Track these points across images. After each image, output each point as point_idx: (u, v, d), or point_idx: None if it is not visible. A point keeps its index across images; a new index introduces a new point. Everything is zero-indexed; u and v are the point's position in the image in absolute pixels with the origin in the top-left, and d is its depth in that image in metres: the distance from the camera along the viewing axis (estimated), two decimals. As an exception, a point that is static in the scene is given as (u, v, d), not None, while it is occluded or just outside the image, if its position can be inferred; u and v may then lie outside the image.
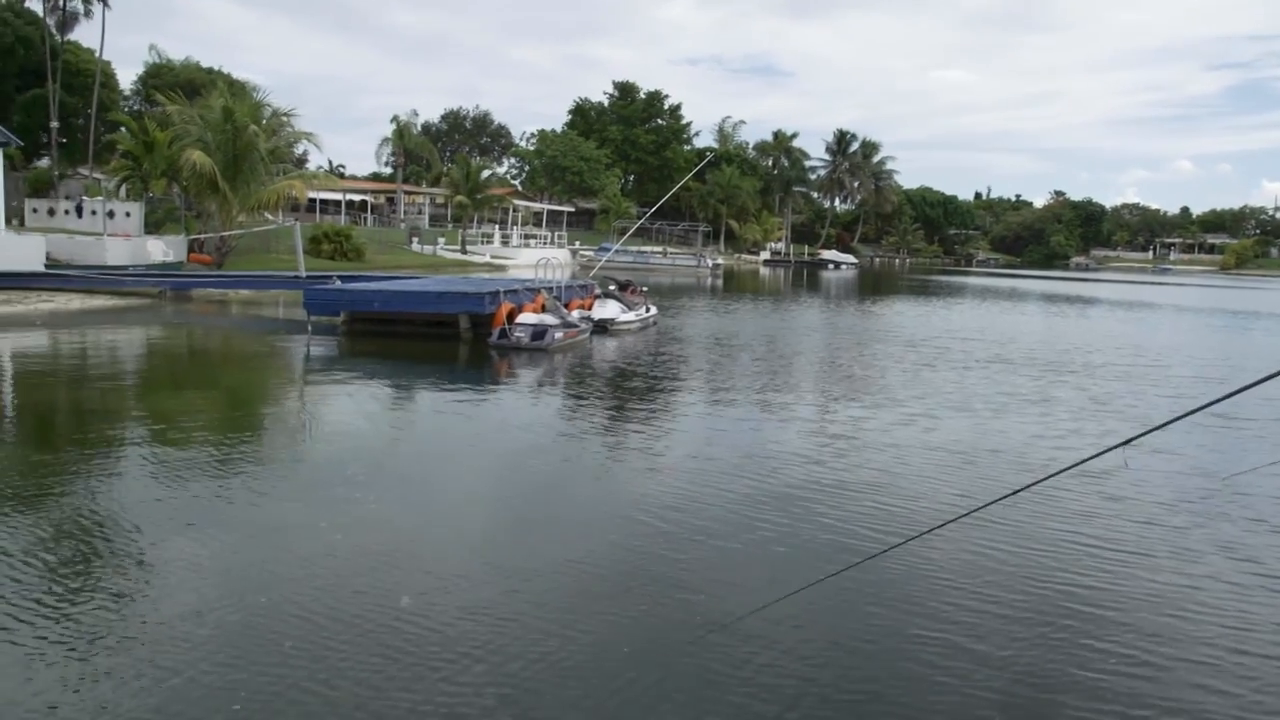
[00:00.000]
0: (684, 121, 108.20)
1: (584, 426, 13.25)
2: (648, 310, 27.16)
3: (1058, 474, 5.82)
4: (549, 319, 21.69)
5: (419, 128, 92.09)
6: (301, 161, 64.57)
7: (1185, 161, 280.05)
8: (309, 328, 22.57)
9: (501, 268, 52.17)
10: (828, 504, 9.27)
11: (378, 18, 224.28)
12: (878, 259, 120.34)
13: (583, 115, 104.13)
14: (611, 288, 27.37)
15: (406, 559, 7.49)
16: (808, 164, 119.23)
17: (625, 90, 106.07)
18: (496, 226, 70.23)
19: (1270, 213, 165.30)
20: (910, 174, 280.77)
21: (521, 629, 6.16)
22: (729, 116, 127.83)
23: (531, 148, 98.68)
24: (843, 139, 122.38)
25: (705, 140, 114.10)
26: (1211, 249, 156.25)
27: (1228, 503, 9.74)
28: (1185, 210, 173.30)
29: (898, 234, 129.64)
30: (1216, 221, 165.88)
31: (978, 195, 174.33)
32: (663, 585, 7.07)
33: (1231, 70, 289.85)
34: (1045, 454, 11.78)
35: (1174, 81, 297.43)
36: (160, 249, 34.63)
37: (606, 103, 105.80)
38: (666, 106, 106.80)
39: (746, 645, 6.07)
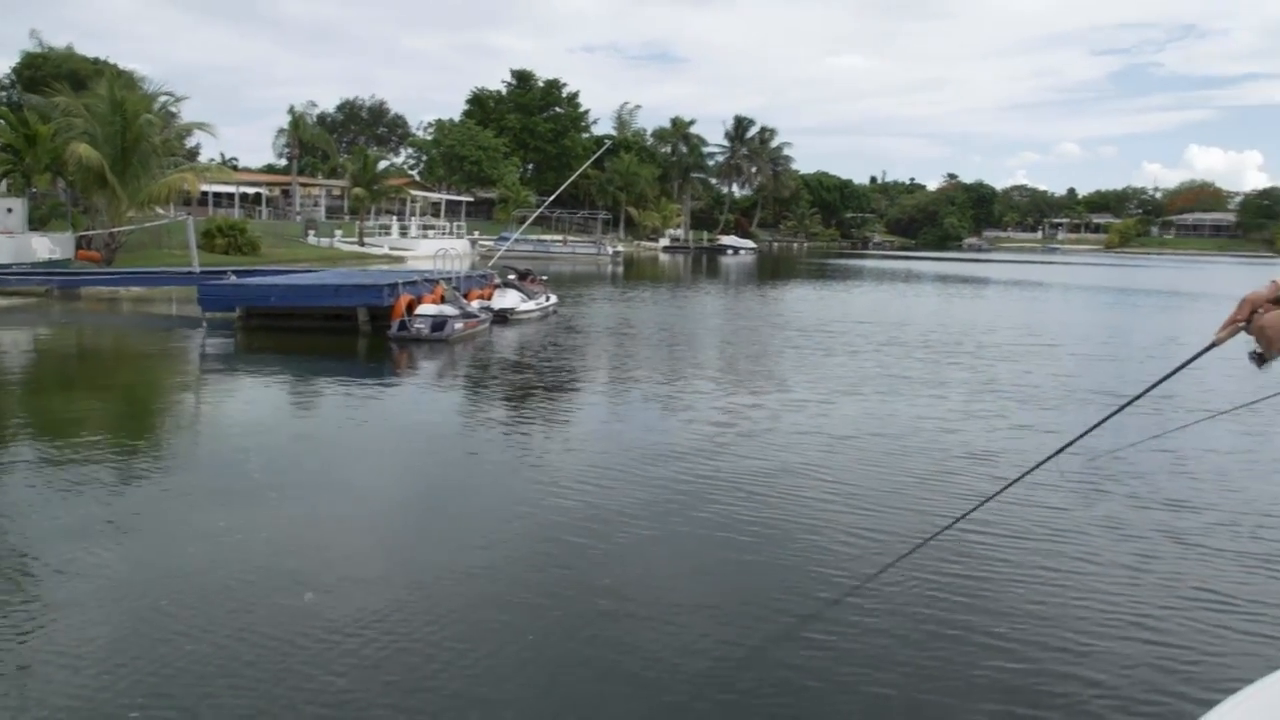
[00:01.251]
0: (582, 109, 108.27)
1: (486, 418, 13.30)
2: (548, 299, 27.19)
3: (1011, 485, 5.98)
4: (448, 310, 21.63)
5: (315, 118, 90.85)
6: (193, 154, 63.26)
7: (1071, 144, 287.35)
8: (204, 324, 22.20)
9: (400, 259, 51.69)
10: (725, 490, 9.42)
11: (269, 7, 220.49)
12: (776, 243, 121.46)
13: (480, 104, 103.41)
14: (511, 277, 27.36)
15: (310, 556, 7.48)
16: (706, 150, 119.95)
17: (523, 79, 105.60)
18: (394, 218, 69.54)
19: (1150, 193, 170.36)
20: (808, 159, 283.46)
21: (424, 622, 6.19)
22: (627, 103, 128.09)
23: (429, 137, 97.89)
24: (741, 125, 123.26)
25: (604, 128, 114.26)
26: (1097, 228, 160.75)
27: (1107, 478, 10.05)
28: (1072, 191, 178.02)
29: (796, 218, 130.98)
30: (1101, 202, 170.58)
31: (873, 179, 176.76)
32: (565, 574, 7.15)
33: (1114, 56, 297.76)
34: (941, 438, 12.04)
35: (1060, 67, 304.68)
36: (46, 246, 33.70)
37: (504, 91, 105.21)
38: (565, 94, 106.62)
39: (653, 632, 6.17)
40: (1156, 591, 7.04)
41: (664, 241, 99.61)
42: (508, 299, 25.27)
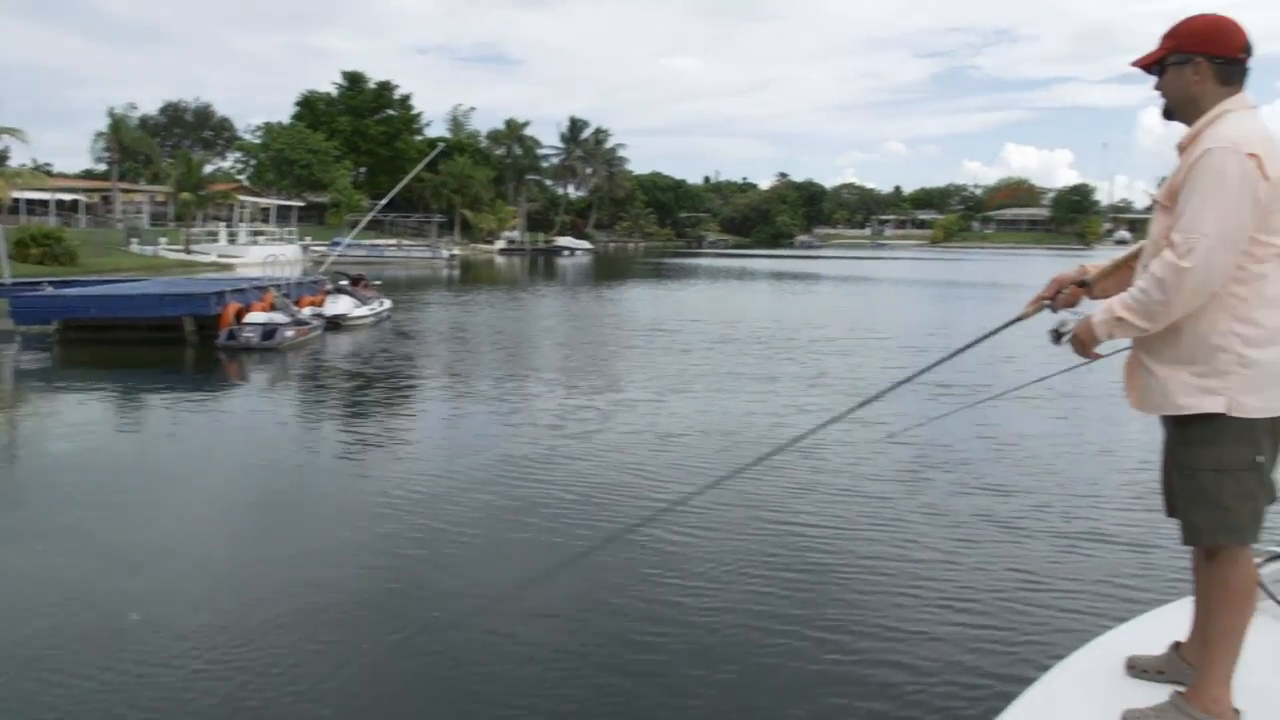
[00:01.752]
0: (415, 112, 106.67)
1: (318, 428, 13.15)
2: (381, 304, 26.90)
3: (771, 454, 6.17)
4: (279, 317, 21.23)
5: (136, 121, 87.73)
6: (2, 159, 60.47)
7: (897, 143, 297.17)
8: (17, 339, 21.30)
9: (229, 266, 50.34)
10: (556, 494, 9.49)
11: (85, 3, 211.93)
12: (612, 244, 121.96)
13: (310, 107, 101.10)
14: (343, 283, 26.96)
15: (135, 578, 7.27)
16: (541, 152, 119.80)
17: (354, 80, 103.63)
18: (223, 224, 67.57)
19: (971, 189, 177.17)
20: (642, 160, 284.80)
21: (259, 637, 6.09)
22: (460, 104, 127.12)
23: (257, 141, 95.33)
24: (575, 126, 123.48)
25: (438, 130, 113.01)
26: (921, 224, 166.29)
27: (928, 466, 10.47)
28: (898, 189, 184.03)
29: (631, 219, 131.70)
30: (925, 199, 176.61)
31: (707, 179, 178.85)
32: (395, 587, 7.13)
33: (936, 59, 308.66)
34: (771, 432, 12.32)
35: (885, 69, 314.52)
36: None
37: (335, 93, 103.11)
38: (397, 96, 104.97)
39: (485, 642, 6.19)
40: (974, 574, 7.30)
41: (500, 244, 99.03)
42: (340, 305, 24.93)
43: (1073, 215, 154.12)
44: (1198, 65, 3.21)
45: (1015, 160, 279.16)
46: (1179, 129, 3.30)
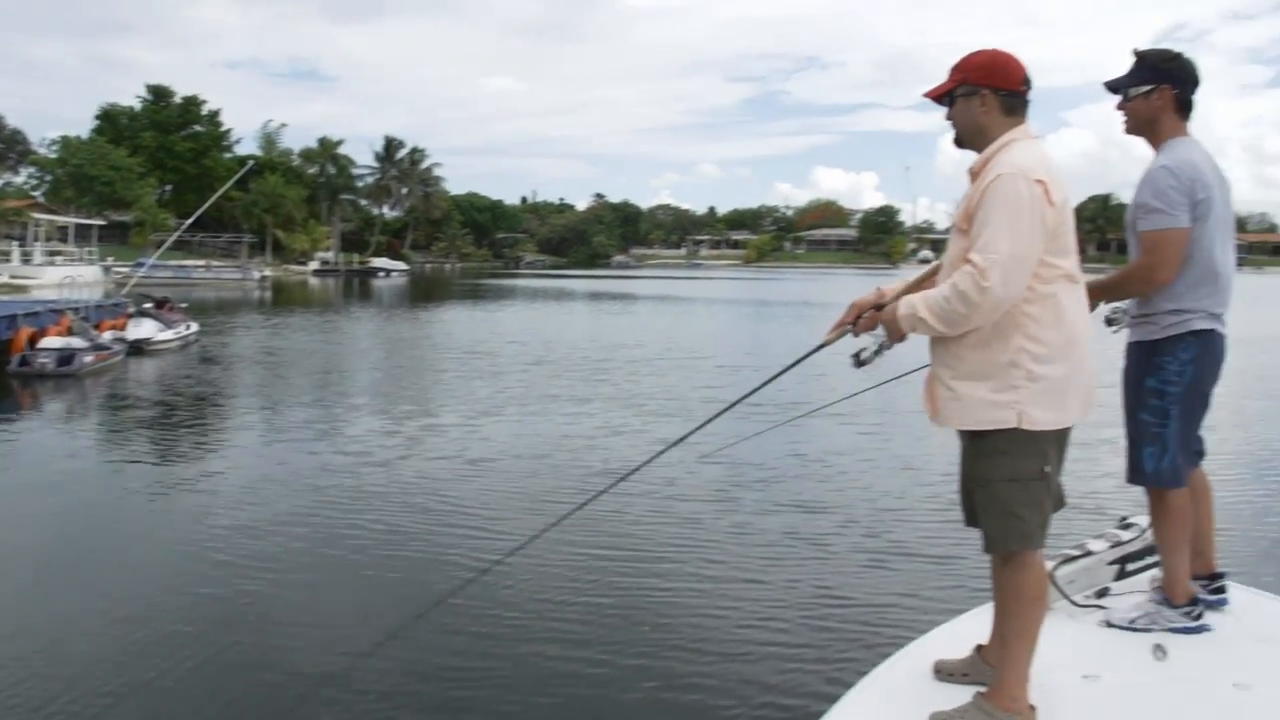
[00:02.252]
0: (224, 128, 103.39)
1: (118, 459, 12.61)
2: (188, 328, 26.02)
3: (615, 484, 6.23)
4: (76, 342, 20.37)
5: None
6: None
7: (711, 165, 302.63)
8: None
9: (22, 288, 47.96)
10: (356, 521, 9.37)
11: None
12: (429, 265, 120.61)
13: (112, 121, 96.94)
14: (147, 305, 25.97)
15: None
16: (355, 171, 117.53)
17: (160, 94, 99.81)
18: (15, 243, 64.34)
19: (783, 211, 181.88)
20: (459, 180, 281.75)
21: (69, 686, 5.81)
22: (271, 121, 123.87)
23: (54, 155, 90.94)
24: (391, 146, 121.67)
25: (249, 147, 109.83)
26: (736, 245, 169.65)
27: (736, 485, 10.69)
28: (712, 210, 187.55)
29: (447, 239, 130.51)
30: (739, 220, 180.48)
31: (524, 199, 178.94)
32: (190, 630, 6.83)
33: (748, 83, 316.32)
34: (584, 455, 12.39)
35: (699, 92, 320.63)
36: None
37: (139, 107, 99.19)
38: (205, 112, 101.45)
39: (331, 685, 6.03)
40: (783, 593, 7.45)
41: (314, 265, 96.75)
42: (143, 329, 24.03)
43: (879, 235, 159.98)
44: (984, 97, 3.44)
45: (824, 182, 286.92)
46: (972, 156, 3.51)
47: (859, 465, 11.91)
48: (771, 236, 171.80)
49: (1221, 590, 4.35)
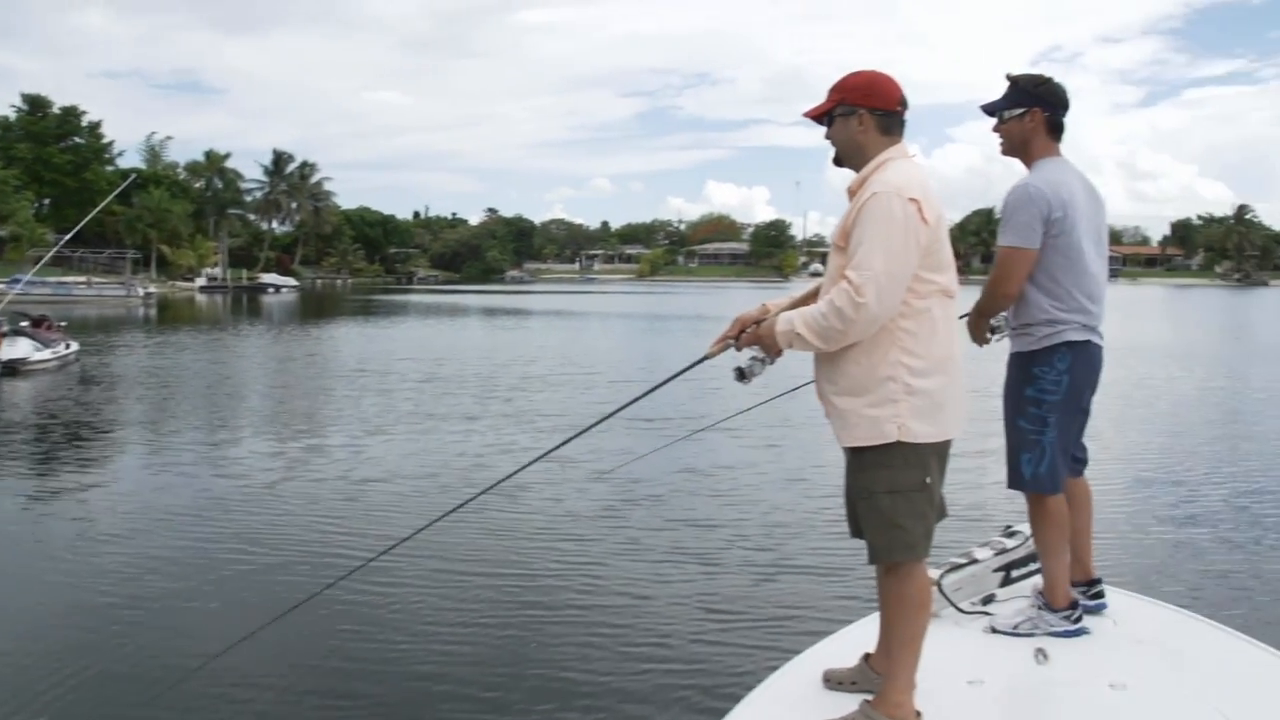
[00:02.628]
0: (106, 140, 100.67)
1: (-4, 486, 12.20)
2: (67, 347, 25.22)
3: (485, 491, 6.10)
4: (-53, 364, 19.73)
5: None
6: None
7: (604, 180, 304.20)
8: None
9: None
10: (263, 545, 9.17)
11: None
12: (320, 280, 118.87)
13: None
14: (24, 324, 25.13)
15: None
16: (243, 185, 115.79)
17: (36, 104, 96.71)
18: (-118, 261, 62.08)
19: (676, 225, 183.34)
20: (350, 194, 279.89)
21: None
22: (156, 133, 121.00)
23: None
24: (280, 160, 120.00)
25: (132, 160, 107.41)
26: (629, 259, 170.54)
27: (626, 503, 10.64)
28: (605, 224, 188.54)
29: (339, 255, 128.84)
30: (632, 234, 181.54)
31: (416, 214, 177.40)
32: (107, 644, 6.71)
33: (640, 98, 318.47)
34: (472, 474, 12.19)
35: (591, 107, 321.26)
36: None
37: (13, 117, 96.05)
38: (85, 123, 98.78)
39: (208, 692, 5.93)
40: (670, 609, 7.42)
41: (200, 281, 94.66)
42: (18, 348, 23.20)
43: (770, 249, 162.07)
44: (861, 117, 3.51)
45: (716, 197, 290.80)
46: (850, 174, 3.56)
47: (750, 479, 11.92)
48: (665, 250, 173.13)
49: (1100, 595, 4.49)
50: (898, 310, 3.35)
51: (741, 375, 3.63)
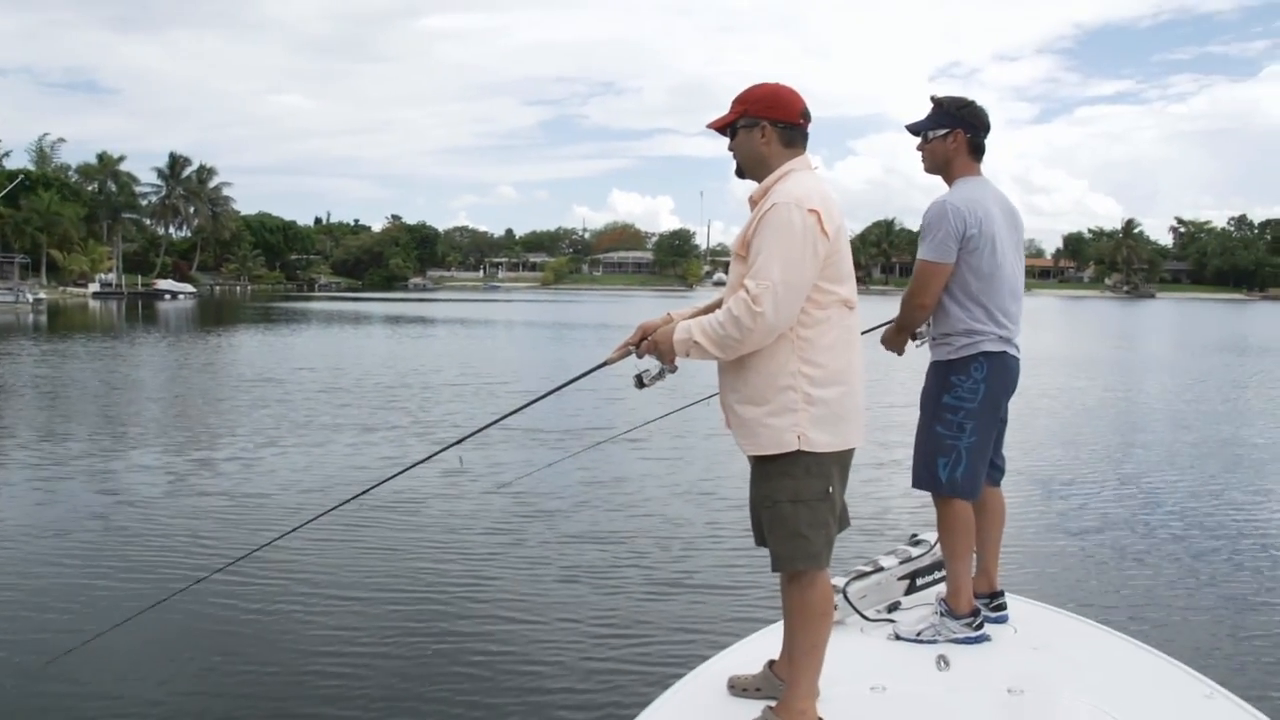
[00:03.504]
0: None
1: None
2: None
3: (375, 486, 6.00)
4: None
5: None
6: None
7: (508, 188, 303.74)
8: None
9: None
10: (138, 544, 9.07)
11: None
12: (218, 287, 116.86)
13: None
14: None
15: None
16: (139, 189, 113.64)
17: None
18: None
19: (580, 233, 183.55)
20: (251, 199, 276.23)
21: None
22: (47, 135, 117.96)
23: None
24: (176, 163, 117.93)
25: (19, 161, 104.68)
26: (534, 267, 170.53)
27: (526, 517, 10.45)
28: (510, 232, 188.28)
29: (238, 261, 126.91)
30: (537, 242, 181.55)
31: (318, 220, 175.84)
32: None
33: (545, 106, 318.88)
34: (359, 485, 11.96)
35: (496, 115, 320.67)
36: None
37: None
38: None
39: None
40: (568, 623, 7.30)
41: (94, 287, 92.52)
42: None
43: (675, 258, 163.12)
44: (764, 129, 3.53)
45: (621, 205, 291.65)
46: (753, 185, 3.59)
47: (651, 492, 11.77)
48: (569, 259, 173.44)
49: (1002, 608, 4.58)
50: (795, 320, 3.37)
51: (640, 382, 3.62)
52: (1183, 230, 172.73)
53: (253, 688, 6.17)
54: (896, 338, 4.58)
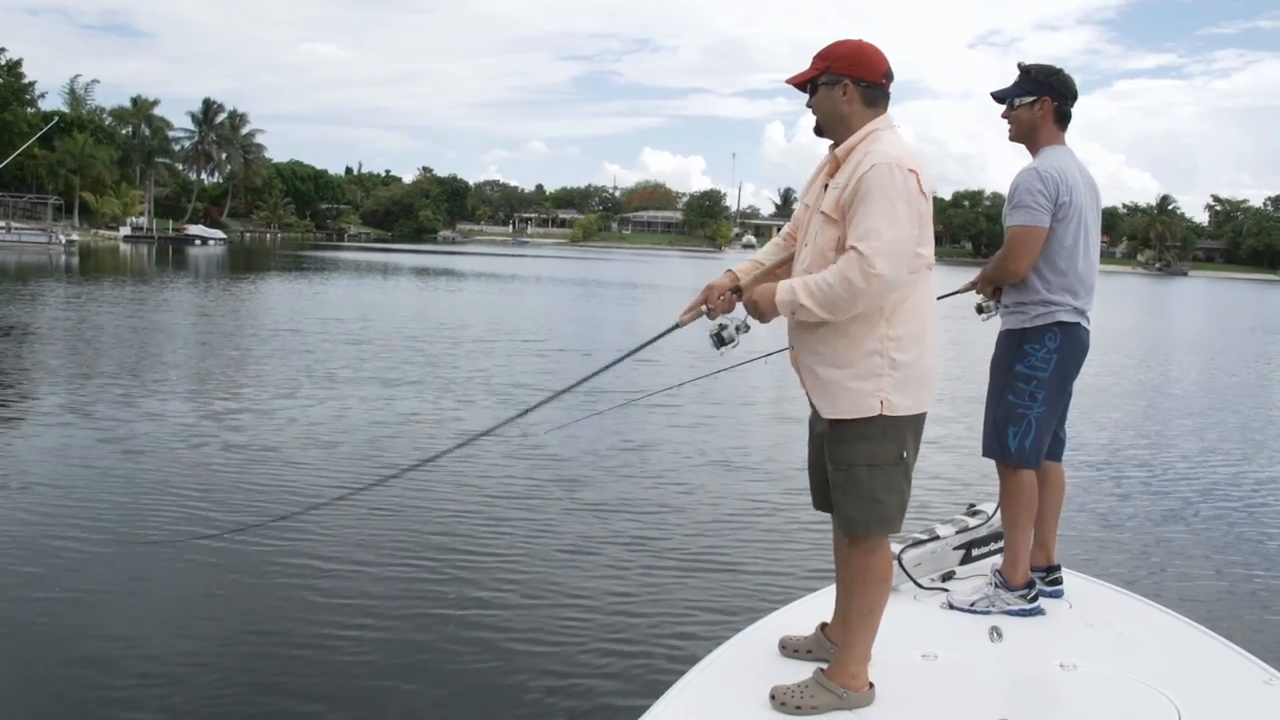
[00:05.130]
0: (26, 80, 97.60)
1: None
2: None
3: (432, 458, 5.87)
4: None
5: None
6: None
7: (539, 143, 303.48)
8: None
9: None
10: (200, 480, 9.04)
11: None
12: (248, 234, 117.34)
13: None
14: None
15: None
16: (171, 134, 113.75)
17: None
18: None
19: (610, 191, 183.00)
20: (282, 147, 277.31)
21: None
22: (80, 76, 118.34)
23: None
24: (210, 109, 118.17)
25: (54, 103, 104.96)
26: (563, 223, 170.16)
27: (570, 483, 10.22)
28: (540, 188, 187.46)
29: (269, 208, 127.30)
30: (567, 198, 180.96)
31: (349, 170, 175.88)
32: None
33: (578, 62, 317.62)
34: (389, 442, 11.84)
35: (530, 69, 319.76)
36: None
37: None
38: (4, 62, 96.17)
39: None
40: (586, 599, 7.25)
41: (125, 230, 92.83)
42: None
43: (704, 219, 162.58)
44: (846, 87, 3.46)
45: (652, 164, 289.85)
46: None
47: (684, 457, 11.43)
48: (598, 216, 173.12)
49: (1058, 582, 4.58)
50: (903, 281, 3.34)
51: (721, 341, 3.54)
52: (1219, 209, 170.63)
53: (263, 656, 6.02)
54: (983, 287, 4.66)
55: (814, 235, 3.51)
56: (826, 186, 3.52)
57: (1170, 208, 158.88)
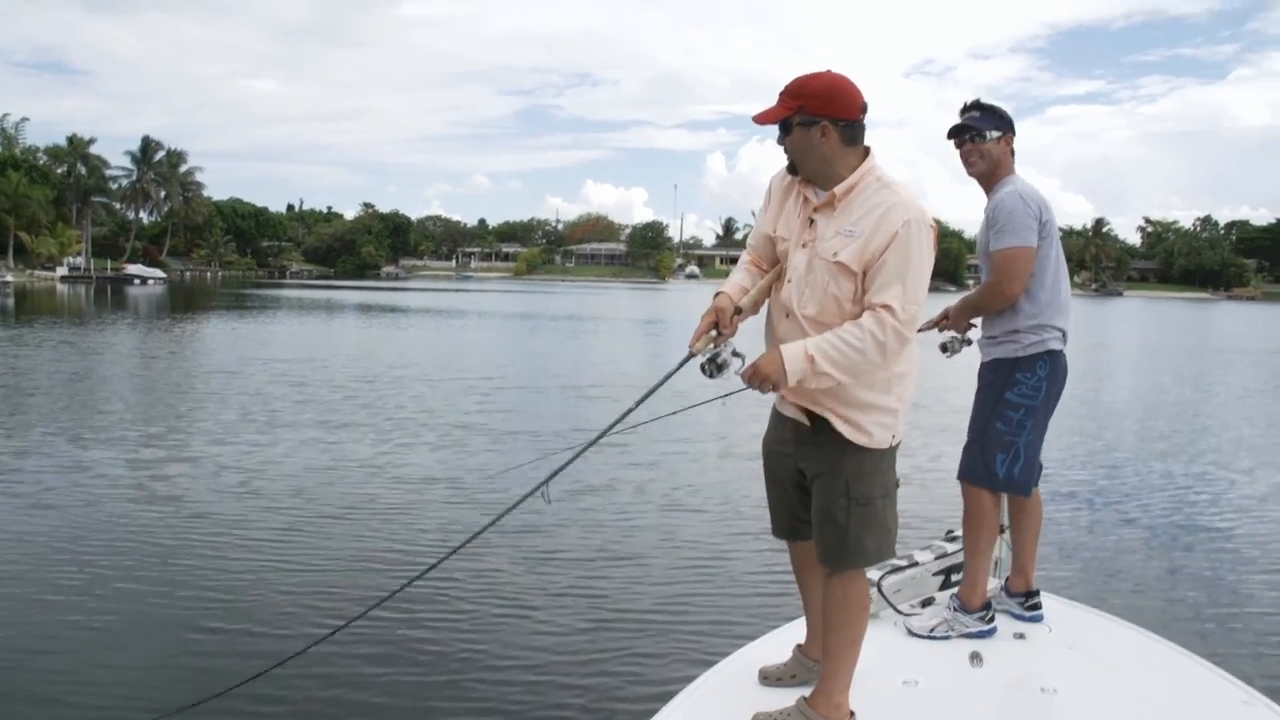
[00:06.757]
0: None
1: None
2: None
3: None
4: None
5: None
6: None
7: (482, 177, 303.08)
8: None
9: None
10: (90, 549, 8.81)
11: None
12: (189, 272, 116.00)
13: None
14: None
15: None
16: (109, 173, 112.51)
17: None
18: None
19: (553, 224, 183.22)
20: (223, 185, 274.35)
21: None
22: (8, 114, 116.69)
23: None
24: (148, 147, 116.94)
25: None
26: (506, 257, 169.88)
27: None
28: (483, 221, 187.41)
29: (209, 247, 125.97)
30: (510, 232, 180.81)
31: (290, 207, 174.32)
32: None
33: (520, 96, 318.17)
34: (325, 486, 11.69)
35: (470, 103, 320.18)
36: None
37: None
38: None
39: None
40: (574, 624, 7.30)
41: (62, 271, 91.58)
42: None
43: (648, 251, 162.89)
44: (825, 128, 3.30)
45: (595, 197, 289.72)
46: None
47: (640, 499, 11.26)
48: (542, 249, 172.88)
49: (1037, 607, 4.61)
50: None
51: (718, 368, 3.37)
52: (1150, 230, 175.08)
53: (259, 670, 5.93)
54: (962, 319, 4.75)
55: (821, 281, 3.38)
56: (812, 221, 3.44)
57: (1105, 230, 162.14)
